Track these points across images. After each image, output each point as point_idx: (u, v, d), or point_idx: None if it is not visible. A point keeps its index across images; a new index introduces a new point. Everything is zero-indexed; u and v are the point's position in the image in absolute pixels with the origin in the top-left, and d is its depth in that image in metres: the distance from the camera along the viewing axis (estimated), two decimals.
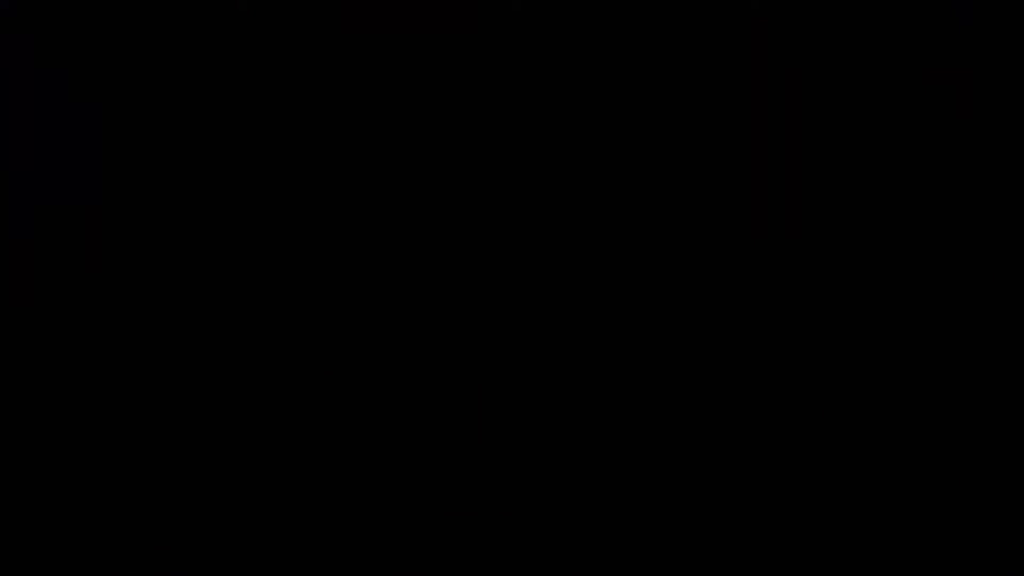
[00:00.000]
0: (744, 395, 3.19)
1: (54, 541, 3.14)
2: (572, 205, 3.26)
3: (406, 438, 3.20)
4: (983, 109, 3.21)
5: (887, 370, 3.18)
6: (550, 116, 3.27)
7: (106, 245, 3.26)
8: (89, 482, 3.18)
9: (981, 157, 3.21)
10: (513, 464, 3.18)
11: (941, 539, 3.08)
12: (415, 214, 3.27)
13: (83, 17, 3.27)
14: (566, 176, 3.26)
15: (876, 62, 3.22)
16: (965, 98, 3.21)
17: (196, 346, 3.24)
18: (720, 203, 3.24)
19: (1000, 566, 3.03)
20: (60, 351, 3.23)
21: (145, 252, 3.26)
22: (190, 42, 3.28)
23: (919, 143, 3.22)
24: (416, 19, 3.27)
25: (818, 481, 3.14)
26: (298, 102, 3.28)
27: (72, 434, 3.20)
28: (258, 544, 3.15)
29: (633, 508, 3.15)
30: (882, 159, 3.23)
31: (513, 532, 3.15)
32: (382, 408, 3.22)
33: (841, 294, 3.21)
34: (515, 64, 3.26)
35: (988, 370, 3.17)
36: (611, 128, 3.26)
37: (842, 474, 3.14)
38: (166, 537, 3.15)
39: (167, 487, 3.18)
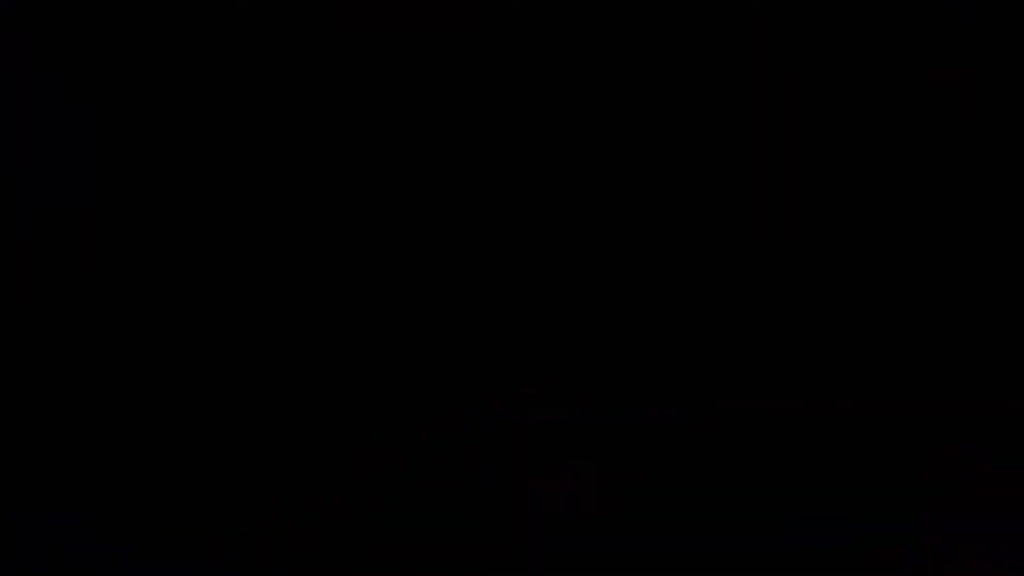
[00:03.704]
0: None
1: (54, 534, 3.14)
2: (572, 201, 3.26)
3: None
4: (983, 109, 3.21)
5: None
6: (550, 115, 3.27)
7: (106, 245, 3.25)
8: (88, 478, 3.18)
9: (981, 156, 3.21)
10: None
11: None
12: (415, 212, 3.27)
13: (83, 17, 3.27)
14: (565, 172, 3.27)
15: (876, 62, 3.22)
16: (965, 98, 3.21)
17: (195, 343, 3.24)
18: (720, 200, 3.24)
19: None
20: (60, 349, 3.23)
21: (145, 251, 3.26)
22: (190, 42, 3.28)
23: (919, 142, 3.22)
24: (416, 19, 3.27)
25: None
26: (298, 102, 3.28)
27: (72, 430, 3.20)
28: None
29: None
30: (882, 158, 3.23)
31: None
32: (382, 404, 3.23)
33: (838, 292, 3.22)
34: (515, 64, 3.26)
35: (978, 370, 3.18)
36: (610, 127, 3.26)
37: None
38: (165, 531, 3.15)
39: (166, 483, 3.19)
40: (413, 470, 3.18)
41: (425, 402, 3.22)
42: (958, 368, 3.18)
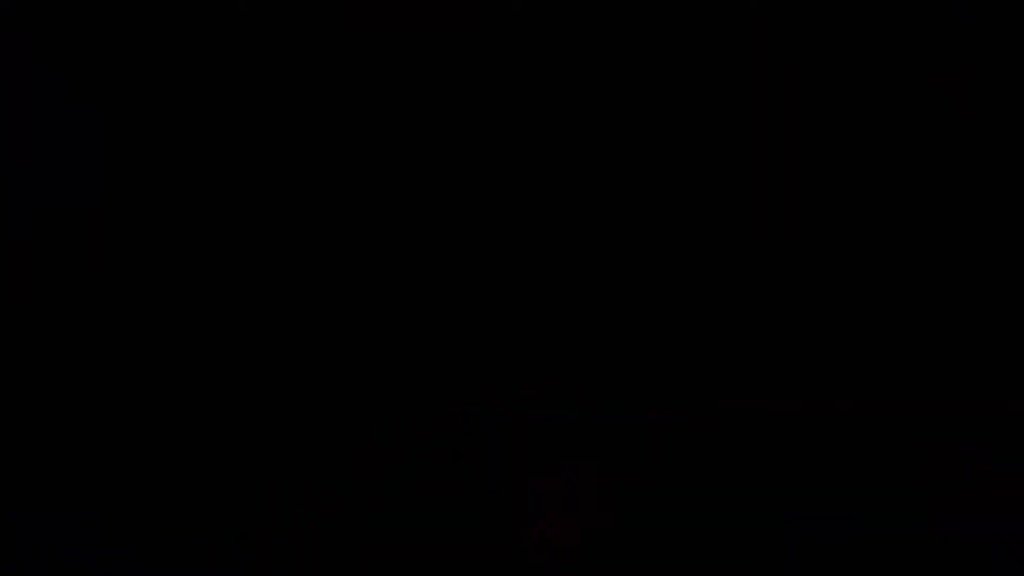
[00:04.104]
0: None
1: (54, 534, 3.14)
2: (572, 201, 3.26)
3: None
4: (983, 109, 3.21)
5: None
6: (549, 115, 3.27)
7: (106, 245, 3.25)
8: (88, 478, 3.18)
9: (981, 156, 3.21)
10: None
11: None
12: (415, 213, 3.27)
13: (83, 17, 3.27)
14: (565, 173, 3.27)
15: (876, 62, 3.22)
16: (965, 98, 3.21)
17: (195, 344, 3.24)
18: (720, 200, 3.24)
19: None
20: (60, 349, 3.23)
21: (144, 252, 3.26)
22: (190, 42, 3.28)
23: (918, 142, 3.22)
24: (416, 19, 3.27)
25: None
26: (298, 102, 3.28)
27: (72, 430, 3.20)
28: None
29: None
30: (881, 159, 3.23)
31: None
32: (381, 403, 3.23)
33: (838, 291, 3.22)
34: (515, 64, 3.26)
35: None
36: (610, 127, 3.26)
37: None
38: (165, 531, 3.15)
39: (166, 482, 3.18)
40: (413, 470, 3.18)
41: (425, 402, 3.22)
42: (958, 368, 3.18)
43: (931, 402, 3.17)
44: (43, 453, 3.19)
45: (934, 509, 3.10)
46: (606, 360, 3.24)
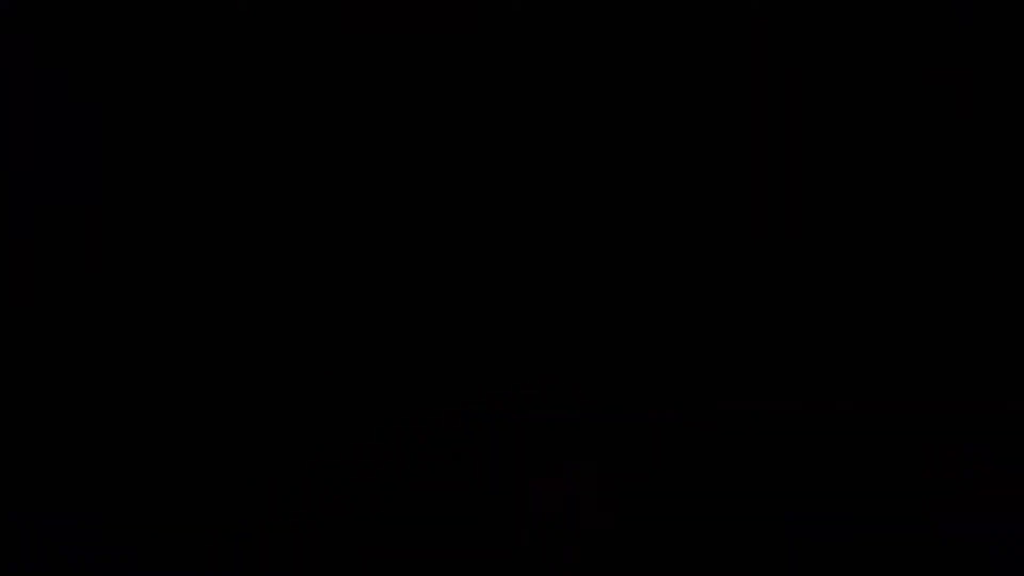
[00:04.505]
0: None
1: (54, 534, 3.14)
2: (572, 202, 3.26)
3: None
4: (983, 109, 3.21)
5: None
6: (549, 116, 3.27)
7: (106, 245, 3.25)
8: (88, 478, 3.18)
9: (981, 156, 3.21)
10: None
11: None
12: (415, 214, 3.28)
13: (83, 17, 3.27)
14: (565, 173, 3.27)
15: (876, 62, 3.22)
16: (965, 97, 3.21)
17: (195, 344, 3.24)
18: (720, 201, 3.24)
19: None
20: (60, 349, 3.23)
21: (144, 252, 3.26)
22: (189, 42, 3.28)
23: (918, 142, 3.22)
24: (416, 19, 3.27)
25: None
26: (298, 102, 3.28)
27: (72, 430, 3.20)
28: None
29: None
30: (881, 159, 3.23)
31: None
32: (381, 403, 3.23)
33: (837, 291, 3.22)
34: (515, 64, 3.26)
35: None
36: (610, 128, 3.26)
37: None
38: (165, 531, 3.15)
39: (166, 482, 3.19)
40: (413, 470, 3.18)
41: (425, 402, 3.22)
42: (958, 368, 3.18)
43: (931, 402, 3.17)
44: (43, 453, 3.19)
45: (934, 509, 3.11)
46: (606, 360, 3.24)
